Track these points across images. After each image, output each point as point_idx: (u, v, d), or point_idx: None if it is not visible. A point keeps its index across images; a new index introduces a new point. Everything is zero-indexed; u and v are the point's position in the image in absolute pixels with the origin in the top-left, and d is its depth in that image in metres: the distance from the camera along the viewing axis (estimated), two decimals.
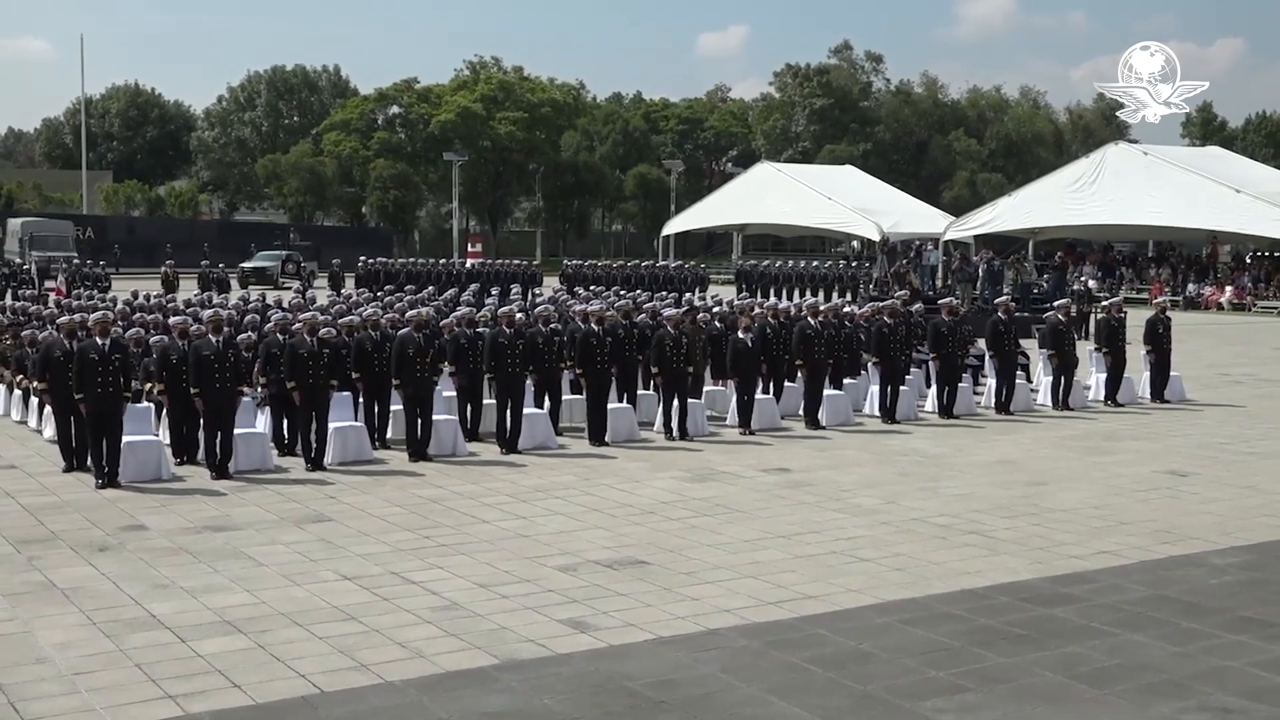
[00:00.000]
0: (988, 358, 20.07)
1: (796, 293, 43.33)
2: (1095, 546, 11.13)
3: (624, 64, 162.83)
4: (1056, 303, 22.19)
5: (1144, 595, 9.63)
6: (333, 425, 14.75)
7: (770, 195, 61.11)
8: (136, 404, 14.47)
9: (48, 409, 15.70)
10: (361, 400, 15.76)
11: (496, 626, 8.80)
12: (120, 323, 17.75)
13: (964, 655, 8.23)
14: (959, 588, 9.83)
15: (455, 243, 70.68)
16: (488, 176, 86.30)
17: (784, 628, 8.82)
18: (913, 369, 19.66)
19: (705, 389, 18.35)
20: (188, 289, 37.53)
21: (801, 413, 17.94)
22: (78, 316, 15.21)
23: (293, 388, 14.54)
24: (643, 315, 19.01)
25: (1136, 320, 21.67)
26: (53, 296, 34.05)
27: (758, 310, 19.29)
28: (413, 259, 57.14)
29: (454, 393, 16.52)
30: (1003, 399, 19.17)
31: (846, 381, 18.66)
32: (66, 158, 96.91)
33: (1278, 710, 7.33)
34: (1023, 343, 20.39)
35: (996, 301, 20.59)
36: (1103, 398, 20.20)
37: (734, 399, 17.60)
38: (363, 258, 50.01)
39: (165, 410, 15.04)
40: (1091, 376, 20.82)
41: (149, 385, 15.26)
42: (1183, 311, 41.66)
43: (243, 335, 15.62)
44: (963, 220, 52.71)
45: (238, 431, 14.15)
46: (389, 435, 16.04)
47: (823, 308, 19.03)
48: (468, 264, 52.49)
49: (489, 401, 16.41)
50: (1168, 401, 20.33)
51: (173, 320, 16.21)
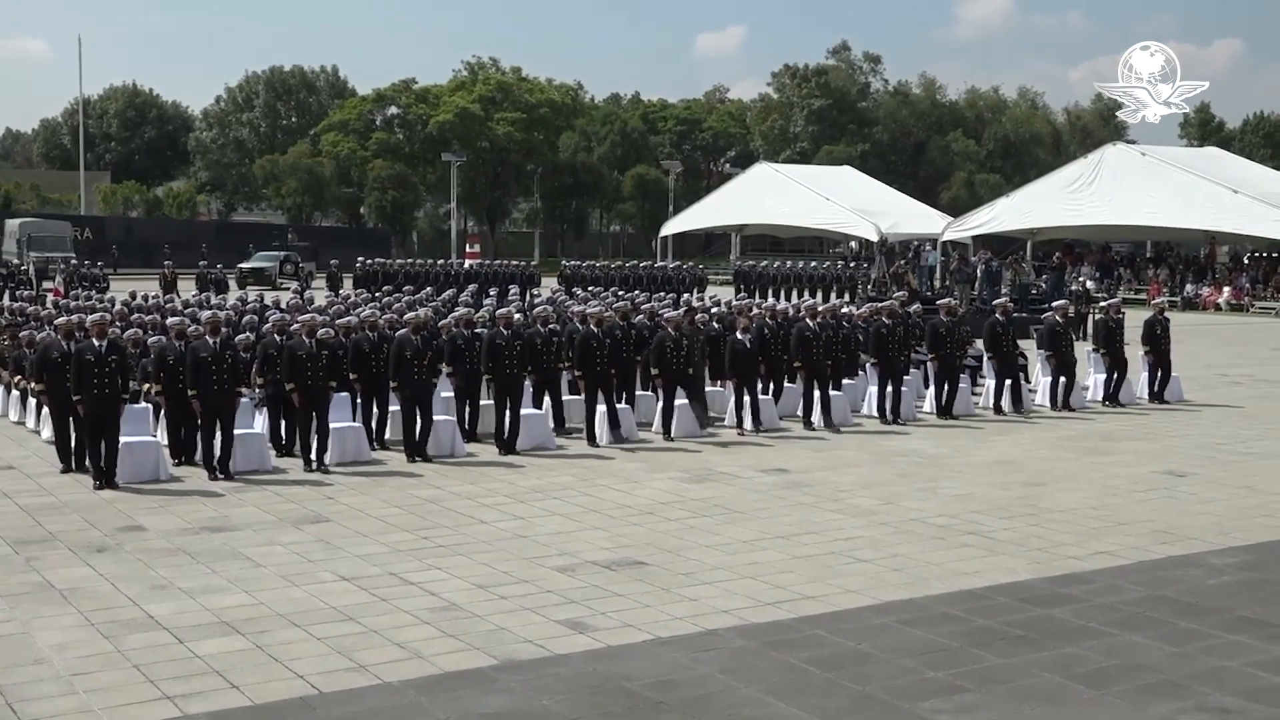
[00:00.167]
0: (986, 358, 20.08)
1: (795, 293, 43.36)
2: (1093, 547, 11.14)
3: (622, 65, 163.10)
4: (1054, 304, 22.19)
5: (1142, 596, 9.63)
6: (330, 426, 14.74)
7: (768, 196, 61.13)
8: (134, 405, 14.46)
9: (45, 410, 15.69)
10: (359, 401, 15.78)
11: (495, 627, 8.80)
12: (118, 323, 17.76)
13: (962, 656, 8.23)
14: (957, 588, 9.83)
15: (453, 243, 70.69)
16: (486, 177, 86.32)
17: (782, 628, 8.82)
18: (911, 369, 19.65)
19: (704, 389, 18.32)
20: (186, 289, 37.50)
21: (800, 413, 17.94)
22: (75, 317, 15.20)
23: (291, 389, 14.54)
24: (640, 316, 19.01)
25: (1134, 321, 21.68)
26: (50, 297, 34.03)
27: (756, 311, 19.30)
28: (411, 260, 57.20)
29: (452, 393, 16.52)
30: (1001, 400, 19.17)
31: (845, 382, 18.65)
32: (64, 158, 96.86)
33: (1275, 710, 7.34)
34: (1020, 344, 20.36)
35: (995, 303, 20.57)
36: (1100, 398, 20.22)
37: (731, 399, 17.61)
38: (361, 258, 50.03)
39: (163, 411, 15.04)
40: (1089, 377, 20.83)
41: (146, 386, 15.25)
42: (1180, 312, 41.68)
43: (241, 336, 15.62)
44: (961, 221, 52.73)
45: (235, 432, 14.14)
46: (387, 436, 16.08)
47: (821, 309, 19.04)
48: (466, 265, 52.52)
49: (486, 402, 16.41)
50: (1166, 402, 20.34)
51: (170, 321, 16.20)
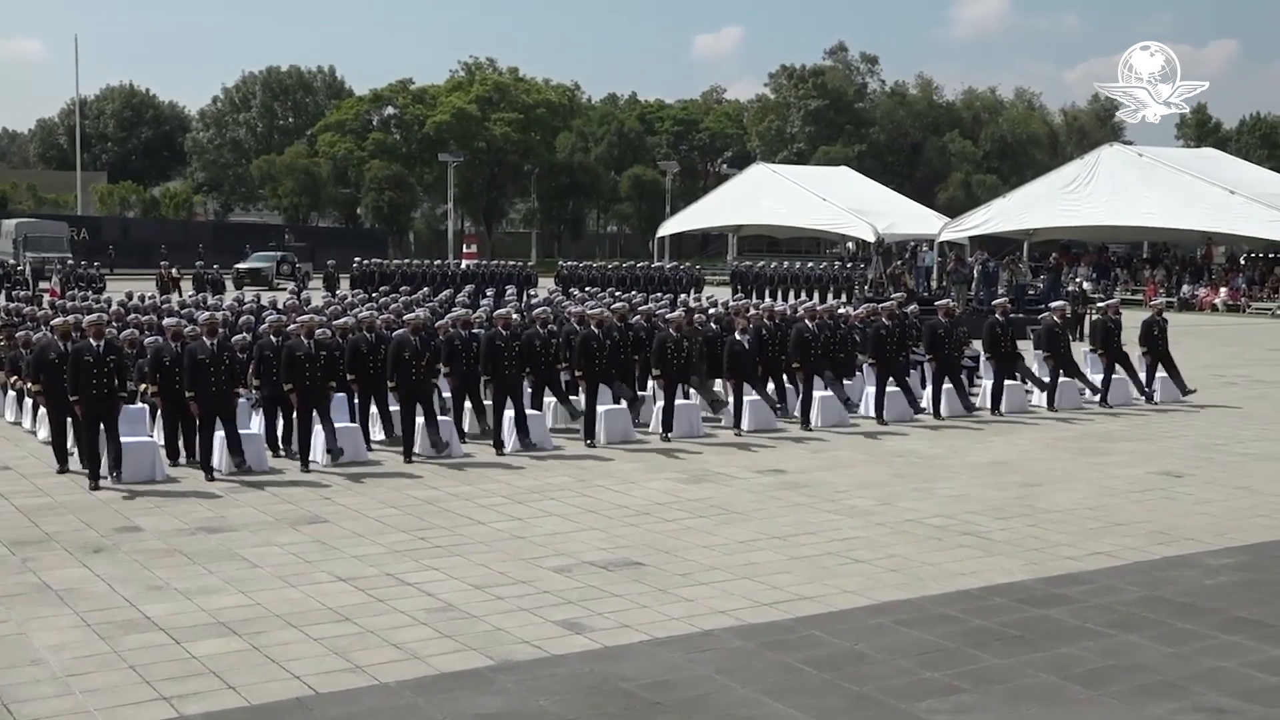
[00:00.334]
0: (984, 359, 20.07)
1: (792, 294, 43.37)
2: (1090, 547, 11.15)
3: (619, 65, 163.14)
4: (1053, 304, 22.18)
5: (1138, 596, 9.64)
6: (319, 426, 14.70)
7: (765, 196, 61.16)
8: (131, 405, 14.45)
9: (42, 410, 15.68)
10: (357, 401, 15.77)
11: (492, 628, 8.79)
12: (114, 324, 17.74)
13: (959, 656, 8.23)
14: (954, 589, 9.83)
15: (450, 244, 70.77)
16: (483, 177, 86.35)
17: (779, 629, 8.82)
18: (909, 370, 19.63)
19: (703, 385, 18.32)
20: (185, 290, 37.46)
21: (797, 413, 17.94)
22: (71, 318, 15.18)
23: (289, 390, 14.53)
24: (637, 316, 18.99)
25: (1132, 322, 21.66)
26: (47, 298, 33.97)
27: (753, 311, 19.29)
28: (408, 260, 57.24)
29: (449, 394, 16.50)
30: (1000, 401, 19.16)
31: (844, 383, 18.64)
32: (61, 159, 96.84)
33: (1271, 711, 7.34)
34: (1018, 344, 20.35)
35: (995, 303, 20.55)
36: (1096, 399, 20.21)
37: (730, 400, 17.61)
38: (358, 259, 50.05)
39: (160, 412, 15.03)
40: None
41: (143, 386, 15.24)
42: (1177, 313, 41.68)
43: (237, 336, 15.61)
44: (958, 221, 52.74)
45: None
46: (379, 437, 16.09)
47: (819, 309, 19.02)
48: (463, 265, 52.56)
49: (484, 403, 16.39)
50: (1158, 403, 20.31)
51: (166, 322, 16.19)
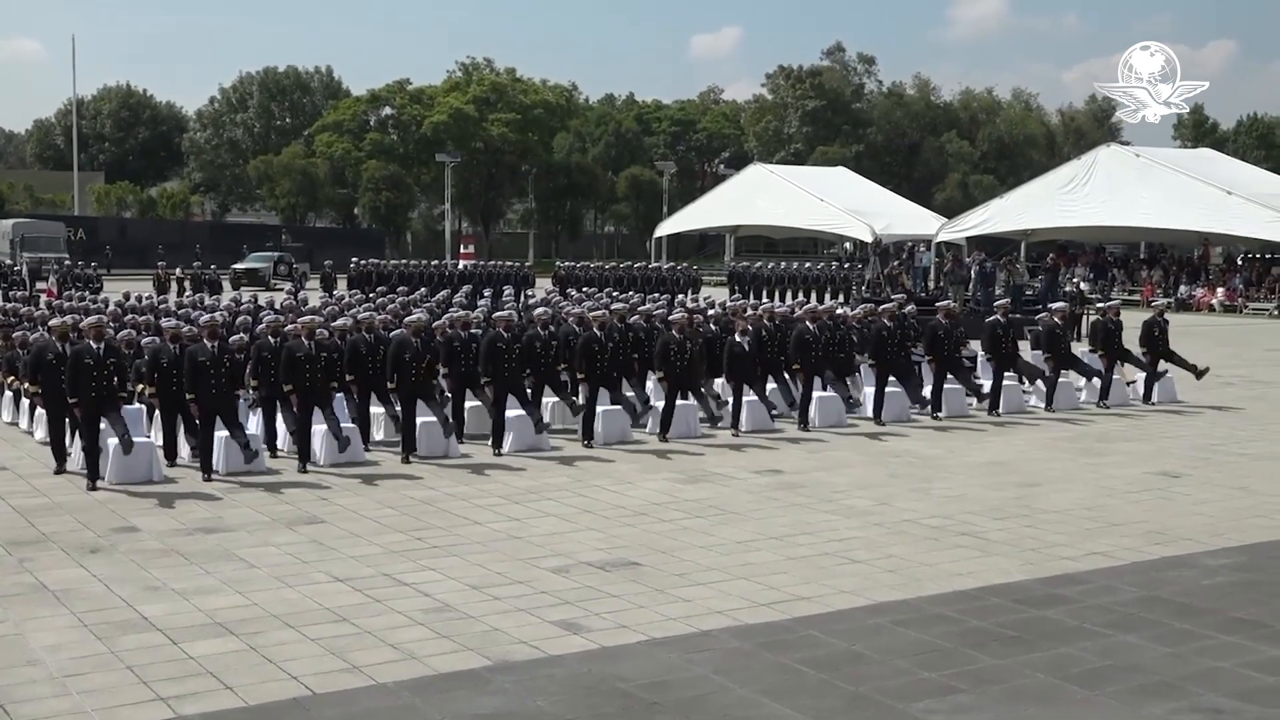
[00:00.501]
0: (981, 359, 20.06)
1: (789, 294, 43.41)
2: (1087, 548, 11.15)
3: (617, 66, 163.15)
4: (1053, 305, 22.16)
5: (1136, 596, 9.64)
6: (323, 427, 14.70)
7: (762, 197, 61.18)
8: (129, 405, 14.43)
9: (39, 410, 15.66)
10: (356, 402, 15.74)
11: (489, 628, 8.79)
12: (112, 324, 17.70)
13: (956, 656, 8.23)
14: (951, 589, 9.83)
15: (448, 244, 70.81)
16: (480, 178, 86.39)
17: (776, 629, 8.82)
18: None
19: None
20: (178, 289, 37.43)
21: (794, 414, 17.94)
22: (69, 318, 15.15)
23: (290, 391, 14.50)
24: (636, 316, 18.96)
25: (1131, 323, 21.64)
26: (44, 298, 33.93)
27: (750, 312, 19.27)
28: (405, 260, 57.25)
29: (448, 395, 16.48)
30: (996, 401, 19.16)
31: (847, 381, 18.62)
32: (58, 159, 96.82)
33: (1269, 711, 7.34)
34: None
35: (997, 304, 20.53)
36: (1095, 400, 20.20)
37: (730, 402, 17.59)
38: (355, 259, 50.07)
39: (156, 412, 15.01)
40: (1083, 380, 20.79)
41: (140, 387, 15.22)
42: (1174, 313, 41.55)
43: (234, 337, 15.59)
44: (955, 222, 52.77)
45: (227, 434, 14.11)
46: (380, 436, 16.08)
47: (820, 310, 18.98)
48: (460, 265, 52.57)
49: (473, 404, 16.38)
50: (1155, 403, 20.31)
51: (165, 324, 16.16)
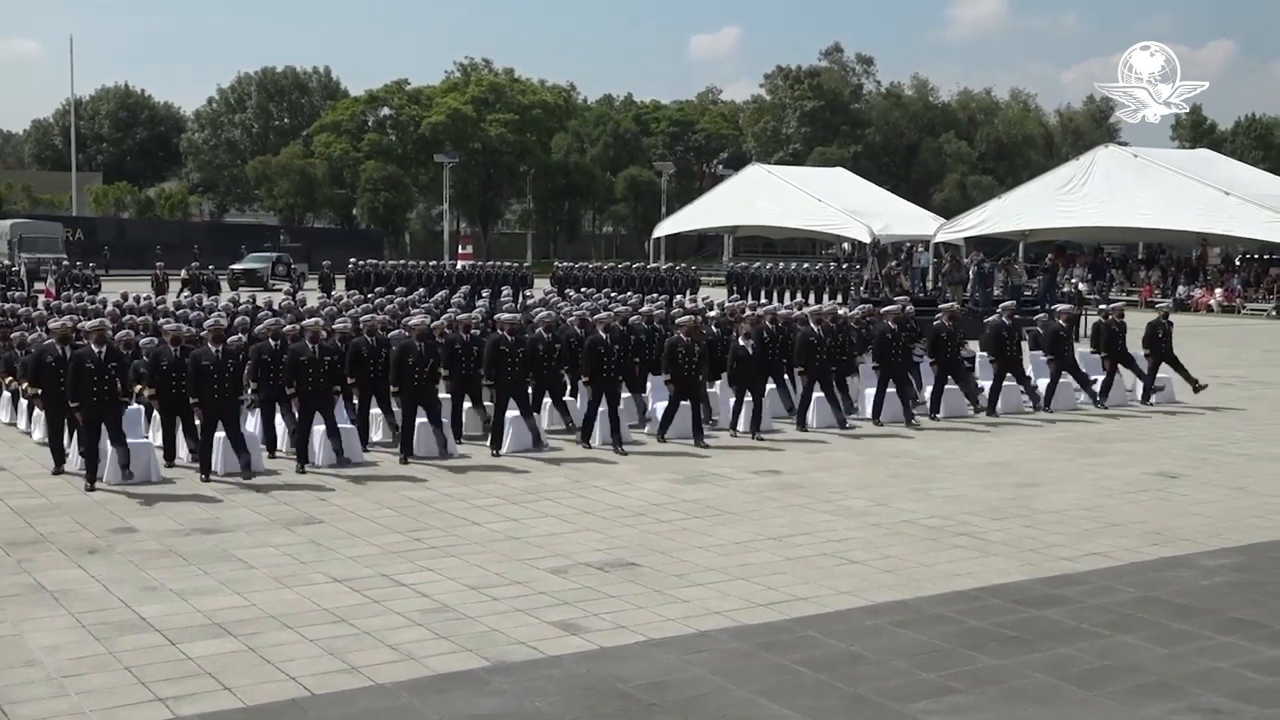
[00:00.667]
0: (979, 360, 20.04)
1: (787, 295, 43.42)
2: (1086, 548, 11.15)
3: (615, 66, 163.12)
4: (1058, 307, 22.13)
5: (1134, 597, 9.64)
6: (322, 427, 14.71)
7: (761, 197, 61.17)
8: (127, 406, 14.41)
9: (37, 411, 15.64)
10: (356, 403, 15.73)
11: (487, 629, 8.78)
12: (110, 325, 17.67)
13: (954, 657, 8.23)
14: (949, 589, 9.83)
15: (446, 244, 70.82)
16: (478, 178, 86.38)
17: (775, 629, 8.82)
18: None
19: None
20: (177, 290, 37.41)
21: (788, 414, 17.92)
22: (68, 319, 15.13)
23: (292, 394, 14.48)
24: (636, 317, 18.93)
25: (1132, 324, 21.63)
26: (42, 298, 33.93)
27: (748, 313, 19.25)
28: (403, 261, 57.23)
29: (447, 395, 16.47)
30: (995, 402, 19.14)
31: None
32: (56, 159, 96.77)
33: (1267, 711, 7.35)
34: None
35: (1002, 305, 20.50)
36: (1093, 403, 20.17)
37: (730, 402, 17.58)
38: (353, 260, 50.04)
39: (154, 412, 14.99)
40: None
41: (138, 388, 15.21)
42: (1172, 314, 41.64)
43: (232, 337, 15.59)
44: (953, 222, 52.79)
45: (224, 435, 14.10)
46: (378, 437, 16.08)
47: (824, 312, 18.95)
48: (458, 266, 52.56)
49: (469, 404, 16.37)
50: (1153, 404, 20.30)
51: (166, 326, 16.14)
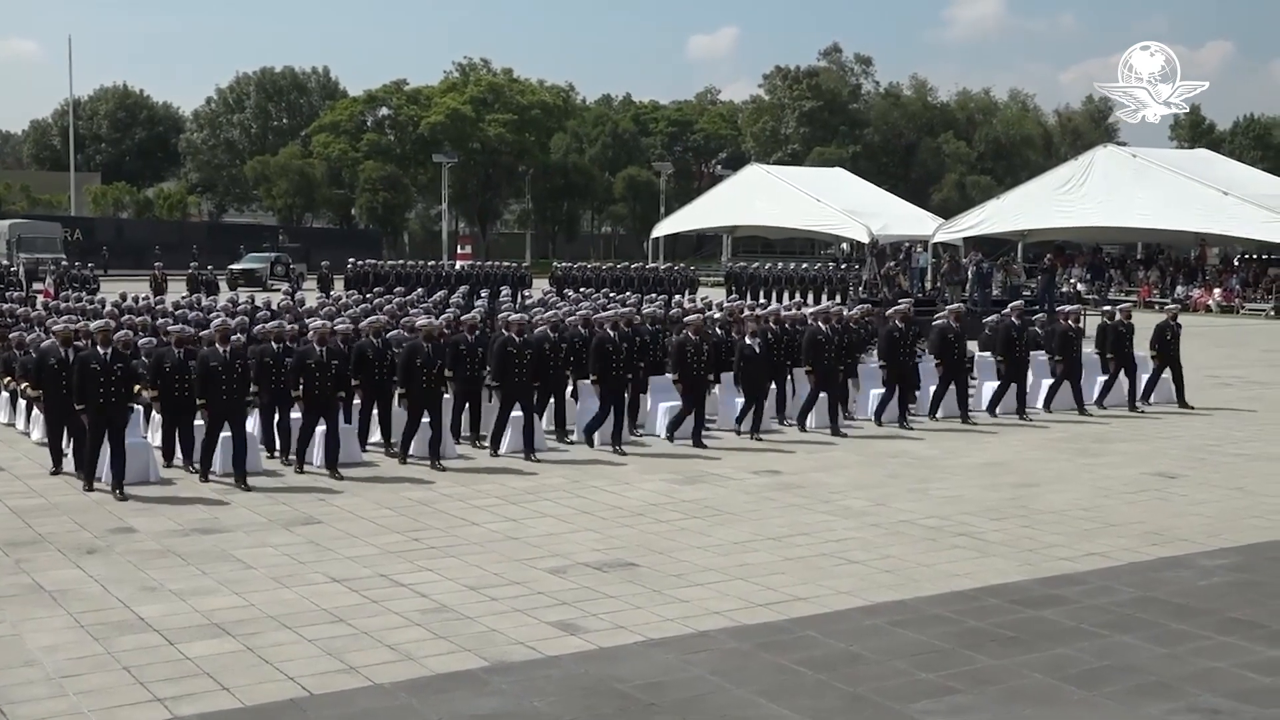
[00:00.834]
0: (980, 360, 20.05)
1: (786, 295, 43.41)
2: (1084, 548, 11.16)
3: (614, 66, 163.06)
4: (1066, 308, 22.09)
5: (1133, 597, 9.65)
6: (321, 428, 14.69)
7: (759, 197, 61.13)
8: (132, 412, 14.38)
9: (36, 411, 15.63)
10: (359, 404, 15.70)
11: (486, 629, 8.79)
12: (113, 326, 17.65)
13: (953, 657, 8.24)
14: (948, 589, 9.84)
15: (445, 244, 70.75)
16: (477, 178, 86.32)
17: (774, 629, 8.82)
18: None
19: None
20: (181, 290, 37.38)
21: (789, 414, 17.91)
22: (67, 319, 15.11)
23: (297, 396, 14.48)
24: (639, 318, 18.90)
25: (1139, 324, 21.59)
26: (40, 299, 33.90)
27: (748, 313, 19.25)
28: (402, 261, 57.17)
29: (448, 396, 16.45)
30: (996, 402, 19.13)
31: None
32: (54, 159, 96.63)
33: (1266, 711, 7.36)
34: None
35: (1010, 306, 20.49)
36: (1093, 400, 20.16)
37: (728, 403, 17.58)
38: (352, 259, 49.98)
39: (154, 412, 14.98)
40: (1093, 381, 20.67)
41: (137, 388, 15.19)
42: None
43: (233, 337, 15.56)
44: (952, 222, 52.77)
45: (226, 435, 14.09)
46: (378, 438, 16.06)
47: (831, 312, 18.93)
48: (457, 266, 52.53)
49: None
50: (1152, 404, 20.28)
51: (171, 328, 16.12)
